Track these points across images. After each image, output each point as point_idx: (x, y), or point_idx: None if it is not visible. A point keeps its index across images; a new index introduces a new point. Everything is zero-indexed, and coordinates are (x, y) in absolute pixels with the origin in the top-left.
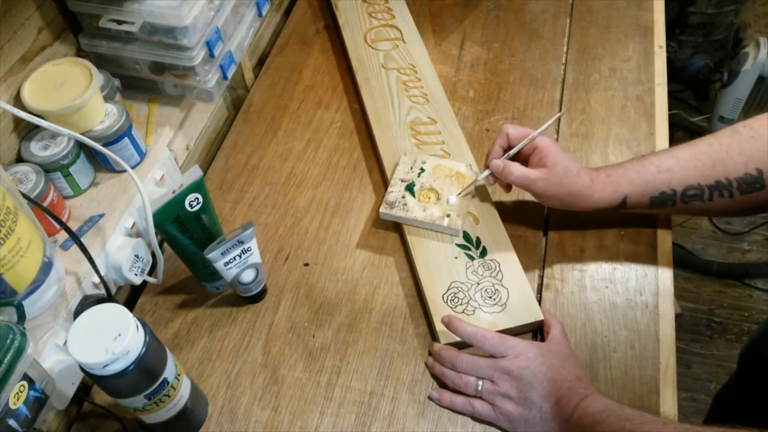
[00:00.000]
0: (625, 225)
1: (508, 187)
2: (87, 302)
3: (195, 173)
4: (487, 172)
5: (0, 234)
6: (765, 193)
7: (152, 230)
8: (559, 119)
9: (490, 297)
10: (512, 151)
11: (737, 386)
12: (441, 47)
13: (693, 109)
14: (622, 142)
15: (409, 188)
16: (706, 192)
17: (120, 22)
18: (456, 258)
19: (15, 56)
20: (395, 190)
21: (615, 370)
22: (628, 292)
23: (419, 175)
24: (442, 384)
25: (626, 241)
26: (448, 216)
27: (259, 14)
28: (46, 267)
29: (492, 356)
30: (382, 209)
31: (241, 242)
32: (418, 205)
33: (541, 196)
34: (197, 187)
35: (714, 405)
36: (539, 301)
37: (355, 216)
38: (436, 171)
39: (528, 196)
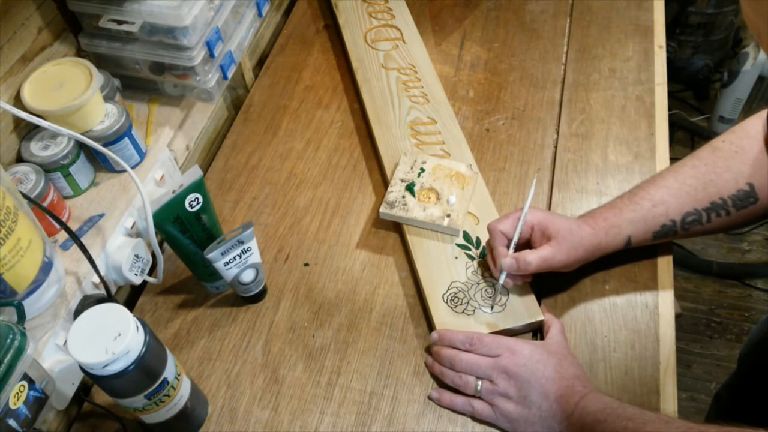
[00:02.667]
0: None
1: (528, 277)
2: (87, 302)
3: (195, 173)
4: (503, 275)
5: (0, 234)
6: (760, 205)
7: (152, 230)
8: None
9: (490, 297)
10: (513, 242)
11: (737, 386)
12: (441, 47)
13: (693, 109)
14: (622, 142)
15: (409, 188)
16: (703, 215)
17: (120, 22)
18: (456, 258)
19: (15, 56)
20: (395, 190)
21: (615, 370)
22: (628, 292)
23: (419, 175)
24: (441, 384)
25: None
26: (448, 216)
27: (259, 14)
28: (46, 267)
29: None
30: (382, 209)
31: (241, 242)
32: (418, 205)
33: (564, 268)
34: (197, 187)
35: (714, 404)
36: (539, 301)
37: (355, 216)
38: (436, 171)
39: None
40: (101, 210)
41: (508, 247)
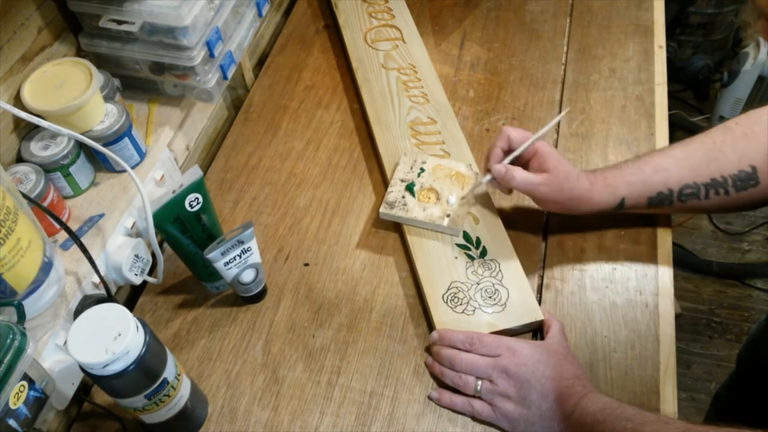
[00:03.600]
0: (625, 225)
1: (509, 191)
2: (87, 302)
3: (195, 173)
4: (489, 176)
5: (0, 234)
6: (760, 189)
7: (152, 230)
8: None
9: (490, 297)
10: (513, 155)
11: (736, 385)
12: (441, 47)
13: (693, 109)
14: (622, 142)
15: (409, 188)
16: (702, 190)
17: (120, 22)
18: (456, 258)
19: (15, 56)
20: (395, 190)
21: (615, 370)
22: (628, 292)
23: (419, 175)
24: (441, 384)
25: (626, 241)
26: (448, 216)
27: (259, 14)
28: (46, 267)
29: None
30: (382, 209)
31: (241, 242)
32: (418, 205)
33: (542, 201)
34: (197, 187)
35: (713, 404)
36: (539, 301)
37: (355, 216)
38: (436, 171)
39: (528, 197)
40: (101, 210)
41: (506, 154)
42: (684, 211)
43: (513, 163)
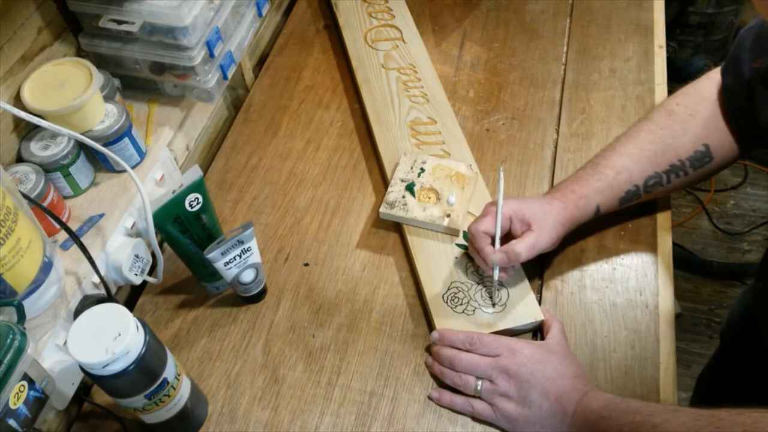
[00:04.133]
0: (625, 225)
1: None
2: (87, 302)
3: (195, 173)
4: (497, 270)
5: (0, 234)
6: (714, 163)
7: (152, 230)
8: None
9: (490, 297)
10: (497, 241)
11: (719, 365)
12: (441, 47)
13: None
14: None
15: (409, 188)
16: (664, 177)
17: (120, 22)
18: (456, 258)
19: (15, 56)
20: (395, 190)
21: (615, 370)
22: (628, 292)
23: (419, 175)
24: (441, 384)
25: (626, 241)
26: (448, 216)
27: (259, 14)
28: (46, 267)
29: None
30: (382, 209)
31: (241, 242)
32: (418, 205)
33: (548, 249)
34: (197, 187)
35: (697, 388)
36: (539, 301)
37: (355, 216)
38: (436, 171)
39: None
40: (101, 210)
41: (492, 244)
42: (651, 198)
43: (502, 240)
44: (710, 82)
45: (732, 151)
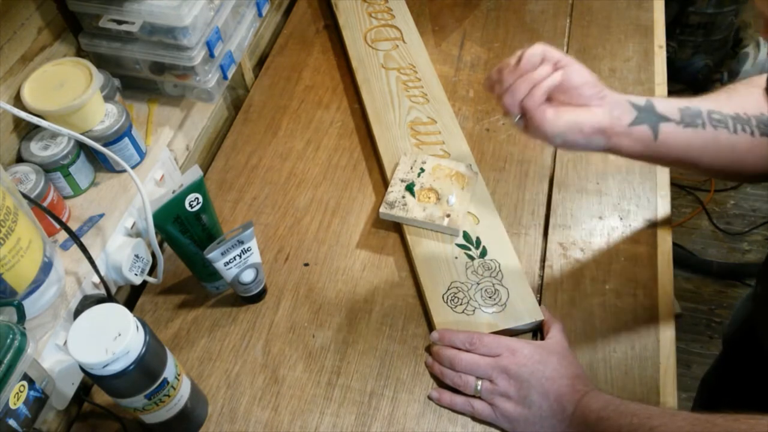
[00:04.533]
0: (626, 225)
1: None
2: (87, 302)
3: (195, 173)
4: (519, 115)
5: (0, 234)
6: None
7: (152, 230)
8: None
9: (490, 297)
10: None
11: (723, 367)
12: (441, 47)
13: None
14: None
15: (409, 188)
16: (729, 122)
17: (120, 22)
18: (456, 258)
19: (15, 56)
20: (395, 190)
21: (615, 370)
22: (628, 292)
23: (419, 175)
24: (441, 384)
25: (626, 241)
26: (448, 216)
27: (259, 14)
28: (46, 267)
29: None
30: (382, 209)
31: (241, 242)
32: (418, 205)
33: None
34: (197, 187)
35: (700, 390)
36: (539, 301)
37: (355, 216)
38: (436, 171)
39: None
40: (101, 210)
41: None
42: (716, 146)
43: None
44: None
45: None
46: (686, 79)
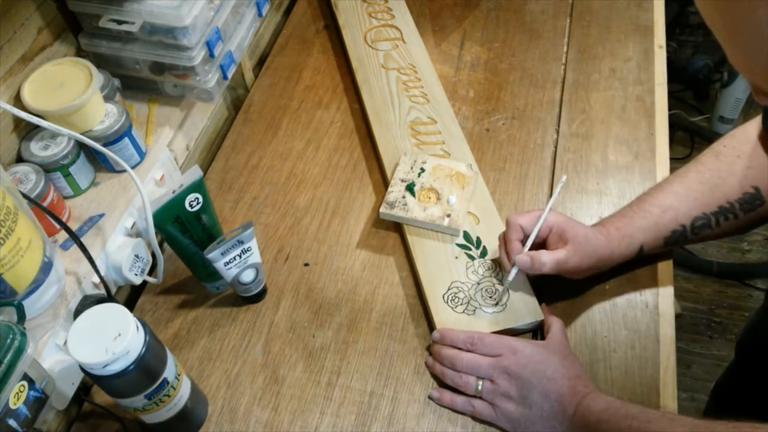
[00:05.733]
0: None
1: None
2: (87, 302)
3: (195, 173)
4: (514, 270)
5: (0, 234)
6: (766, 207)
7: (152, 230)
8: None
9: (490, 297)
10: (530, 240)
11: (735, 375)
12: (441, 47)
13: (693, 109)
14: (622, 142)
15: (410, 188)
16: (712, 219)
17: (120, 22)
18: (456, 258)
19: (15, 56)
20: (395, 190)
21: (615, 370)
22: (628, 293)
23: (419, 175)
24: (442, 384)
25: None
26: (449, 216)
27: (259, 14)
28: (46, 267)
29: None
30: (382, 209)
31: (241, 242)
32: (418, 205)
33: (573, 273)
34: (197, 187)
35: (712, 396)
36: (539, 301)
37: (355, 216)
38: (437, 171)
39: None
40: (101, 210)
41: (522, 243)
42: (700, 241)
43: (532, 246)
44: (757, 123)
45: None
46: (686, 79)
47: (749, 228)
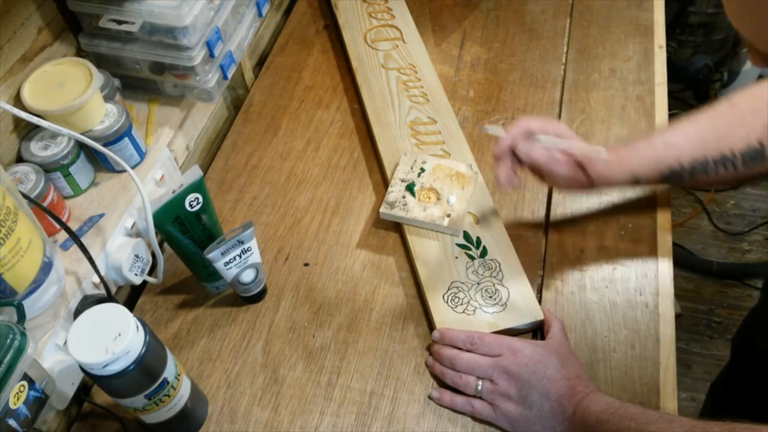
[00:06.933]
0: (626, 225)
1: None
2: (87, 302)
3: (195, 173)
4: (498, 129)
5: (0, 234)
6: (765, 166)
7: (152, 230)
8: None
9: (490, 297)
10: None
11: (731, 374)
12: (441, 47)
13: (693, 109)
14: None
15: (410, 188)
16: (711, 165)
17: (120, 22)
18: (456, 258)
19: (15, 56)
20: (395, 190)
21: (615, 370)
22: (628, 292)
23: (419, 175)
24: (442, 383)
25: (626, 241)
26: (449, 216)
27: (259, 14)
28: (46, 267)
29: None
30: (382, 209)
31: (241, 242)
32: (418, 205)
33: (565, 184)
34: (197, 187)
35: (709, 395)
36: (539, 301)
37: (355, 216)
38: (437, 171)
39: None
40: (101, 210)
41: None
42: (693, 185)
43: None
44: None
45: None
46: (686, 79)
47: (744, 182)
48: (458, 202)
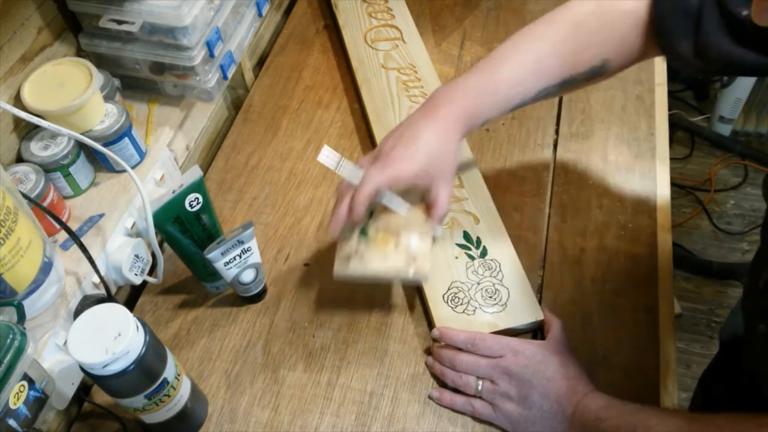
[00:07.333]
0: (626, 225)
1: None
2: (87, 302)
3: (195, 173)
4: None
5: (0, 234)
6: (606, 75)
7: (152, 230)
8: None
9: (490, 297)
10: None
11: (719, 366)
12: (441, 47)
13: (693, 109)
14: (622, 142)
15: (363, 233)
16: (554, 90)
17: (120, 22)
18: (456, 258)
19: (15, 56)
20: (348, 240)
21: (615, 370)
22: (628, 292)
23: (370, 215)
24: (442, 383)
25: (626, 241)
26: (414, 260)
27: (259, 14)
28: (46, 267)
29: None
30: (336, 268)
31: (241, 242)
32: (376, 254)
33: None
34: (197, 187)
35: (699, 387)
36: (539, 301)
37: None
38: (387, 209)
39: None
40: (101, 210)
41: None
42: (534, 102)
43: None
44: None
45: (630, 62)
46: (686, 79)
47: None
48: (420, 240)
